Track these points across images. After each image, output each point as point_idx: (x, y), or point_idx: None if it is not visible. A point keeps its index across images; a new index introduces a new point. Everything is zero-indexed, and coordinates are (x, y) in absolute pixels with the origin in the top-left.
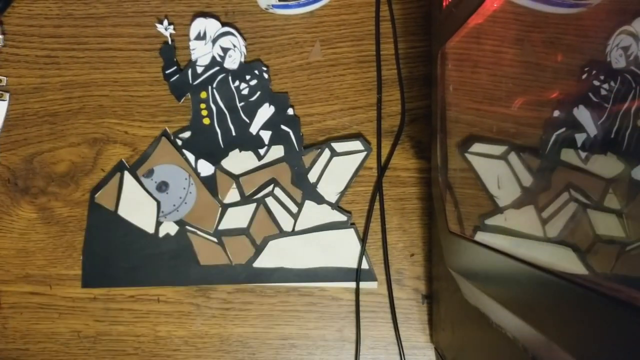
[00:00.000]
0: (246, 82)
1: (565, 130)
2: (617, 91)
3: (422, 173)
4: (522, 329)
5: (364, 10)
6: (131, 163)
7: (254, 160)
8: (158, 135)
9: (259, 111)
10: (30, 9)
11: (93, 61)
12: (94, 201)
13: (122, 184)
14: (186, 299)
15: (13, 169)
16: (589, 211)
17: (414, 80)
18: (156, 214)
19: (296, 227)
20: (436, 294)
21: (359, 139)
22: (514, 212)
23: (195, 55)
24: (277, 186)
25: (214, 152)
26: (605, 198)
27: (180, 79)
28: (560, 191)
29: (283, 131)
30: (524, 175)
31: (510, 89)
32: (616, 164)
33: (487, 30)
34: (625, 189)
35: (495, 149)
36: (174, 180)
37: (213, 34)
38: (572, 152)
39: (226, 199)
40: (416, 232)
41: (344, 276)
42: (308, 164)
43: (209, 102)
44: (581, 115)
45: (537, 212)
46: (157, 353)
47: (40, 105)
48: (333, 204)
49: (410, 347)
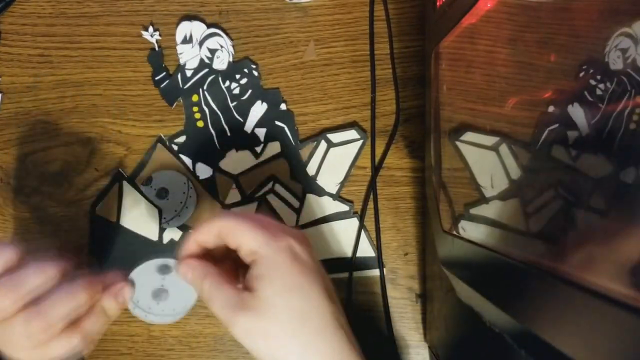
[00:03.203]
0: (236, 82)
1: (558, 126)
2: (612, 92)
3: (415, 172)
4: (515, 327)
5: (358, 10)
6: (125, 163)
7: (252, 158)
8: (153, 143)
9: (251, 109)
10: (23, 7)
11: (86, 60)
12: (95, 214)
13: (122, 194)
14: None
15: (6, 168)
16: (574, 209)
17: (407, 80)
18: (158, 221)
19: (299, 221)
20: (430, 292)
21: (354, 127)
22: (499, 204)
23: (184, 59)
24: (277, 182)
25: (210, 154)
26: (592, 198)
27: (170, 84)
28: (547, 187)
29: (278, 127)
30: (513, 168)
31: (505, 87)
32: (605, 164)
33: (480, 30)
34: (613, 190)
35: (487, 140)
36: (174, 185)
37: (199, 36)
38: (562, 149)
39: (227, 199)
40: (410, 231)
41: (353, 266)
42: (305, 158)
43: (201, 105)
44: (575, 113)
45: (521, 206)
46: (150, 353)
47: (33, 104)
48: (334, 195)
49: (404, 346)
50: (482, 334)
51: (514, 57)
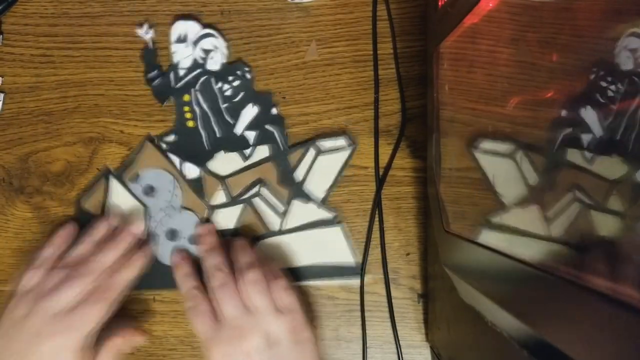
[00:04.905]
0: (229, 83)
1: (571, 130)
2: (624, 93)
3: (417, 172)
4: (518, 328)
5: (360, 9)
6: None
7: (240, 161)
8: (142, 140)
9: (242, 112)
10: (26, 7)
11: (89, 60)
12: (81, 207)
13: (109, 189)
14: (182, 298)
15: (8, 168)
16: (591, 212)
17: (409, 79)
18: (144, 217)
19: (284, 226)
20: (432, 293)
21: (344, 135)
22: (515, 210)
23: (177, 58)
24: (264, 186)
25: (199, 155)
26: (609, 199)
27: (162, 82)
28: (564, 191)
29: (268, 131)
30: (529, 173)
31: (512, 89)
32: (620, 165)
33: (483, 30)
34: (629, 191)
35: (500, 147)
36: (160, 184)
37: (194, 36)
38: (577, 153)
39: (213, 200)
40: (412, 231)
41: (333, 273)
42: (294, 163)
43: (192, 105)
44: (588, 116)
45: (539, 211)
46: (152, 352)
47: (35, 104)
48: (320, 202)
49: (406, 346)
50: (484, 334)
51: (517, 57)
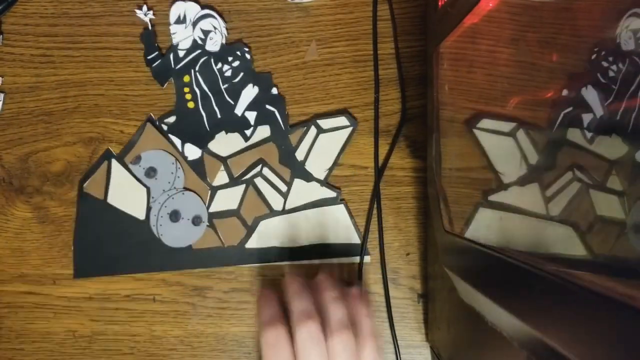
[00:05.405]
0: (228, 64)
1: (572, 109)
2: (625, 73)
3: (417, 172)
4: (518, 328)
5: (360, 9)
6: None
7: (241, 141)
8: (143, 122)
9: (243, 92)
10: (26, 7)
11: (89, 60)
12: (83, 191)
13: (110, 172)
14: (182, 299)
15: (8, 168)
16: (591, 192)
17: (409, 79)
18: (146, 200)
19: (286, 205)
20: (432, 293)
21: (345, 114)
22: (516, 190)
23: (176, 40)
24: (266, 166)
25: (200, 136)
26: (608, 179)
27: (162, 63)
28: (564, 171)
29: (268, 111)
30: (530, 153)
31: (512, 89)
32: (620, 146)
33: (482, 30)
34: (628, 171)
35: (502, 126)
36: (162, 165)
37: (193, 17)
38: (578, 132)
39: (215, 181)
40: (412, 231)
41: (339, 252)
42: (295, 142)
43: (193, 86)
44: (589, 96)
45: (540, 190)
46: (152, 352)
47: (35, 104)
48: (322, 181)
49: (406, 346)
50: (484, 334)
51: (517, 57)
